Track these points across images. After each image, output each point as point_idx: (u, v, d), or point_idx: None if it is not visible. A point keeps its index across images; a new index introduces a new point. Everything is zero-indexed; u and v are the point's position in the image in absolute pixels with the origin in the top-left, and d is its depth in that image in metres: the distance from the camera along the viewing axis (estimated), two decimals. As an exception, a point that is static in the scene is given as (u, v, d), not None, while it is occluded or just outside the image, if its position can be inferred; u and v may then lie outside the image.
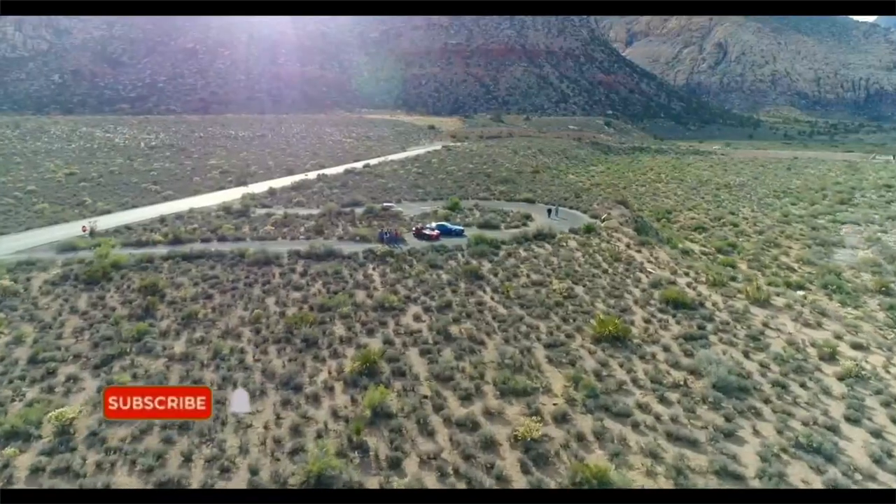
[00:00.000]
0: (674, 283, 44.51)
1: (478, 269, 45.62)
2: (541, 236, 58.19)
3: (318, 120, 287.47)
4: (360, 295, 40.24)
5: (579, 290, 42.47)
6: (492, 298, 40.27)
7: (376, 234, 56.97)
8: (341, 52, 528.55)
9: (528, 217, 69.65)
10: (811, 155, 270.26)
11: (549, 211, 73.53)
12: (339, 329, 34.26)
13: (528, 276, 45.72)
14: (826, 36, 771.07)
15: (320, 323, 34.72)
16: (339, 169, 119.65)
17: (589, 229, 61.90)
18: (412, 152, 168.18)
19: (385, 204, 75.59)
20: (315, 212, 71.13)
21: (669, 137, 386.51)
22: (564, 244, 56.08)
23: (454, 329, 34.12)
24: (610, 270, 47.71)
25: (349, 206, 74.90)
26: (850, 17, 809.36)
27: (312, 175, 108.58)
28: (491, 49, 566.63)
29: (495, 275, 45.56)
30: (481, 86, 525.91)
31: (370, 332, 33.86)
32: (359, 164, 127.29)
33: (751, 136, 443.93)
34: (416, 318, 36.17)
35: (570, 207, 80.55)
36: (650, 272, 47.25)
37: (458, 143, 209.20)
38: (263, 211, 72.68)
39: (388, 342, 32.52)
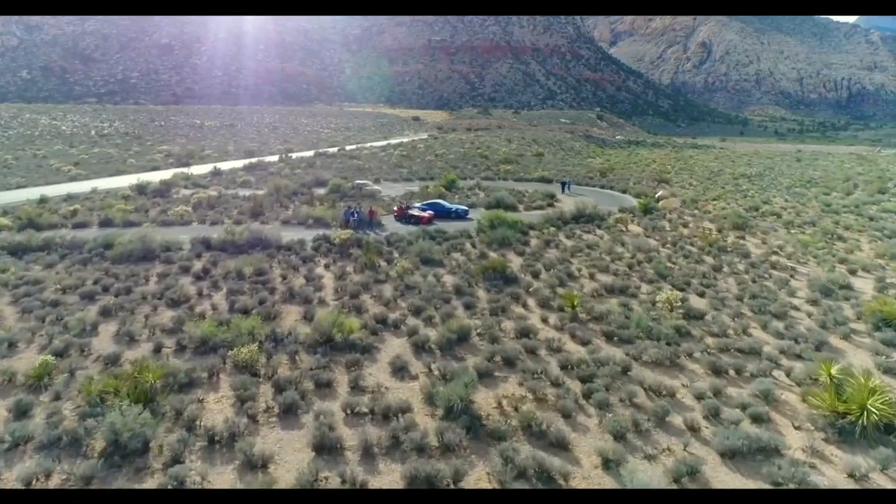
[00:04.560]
0: (847, 286, 25.67)
1: (503, 265, 26.24)
2: (584, 218, 39.15)
3: (293, 111, 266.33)
4: (291, 315, 20.77)
5: (698, 301, 23.35)
6: (544, 321, 20.93)
7: (340, 216, 37.58)
8: (323, 49, 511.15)
9: (552, 196, 50.68)
10: (814, 148, 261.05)
11: (563, 185, 58.18)
12: (220, 404, 14.75)
13: (590, 276, 26.55)
14: (808, 36, 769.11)
15: (179, 389, 15.19)
16: (309, 153, 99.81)
17: (647, 209, 43.11)
18: (395, 141, 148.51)
19: (358, 182, 56.06)
20: (262, 192, 51.39)
21: (661, 133, 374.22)
22: (623, 228, 37.06)
23: (486, 401, 14.86)
24: (725, 268, 28.69)
25: (310, 186, 55.47)
26: (831, 17, 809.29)
27: (275, 158, 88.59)
28: (476, 46, 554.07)
29: (535, 275, 26.31)
30: (466, 82, 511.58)
31: (289, 413, 14.27)
32: (332, 149, 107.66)
33: (741, 133, 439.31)
34: (397, 371, 16.66)
35: (601, 187, 62.06)
36: (793, 268, 28.34)
37: (446, 134, 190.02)
38: (191, 191, 52.78)
39: (324, 447, 12.89)
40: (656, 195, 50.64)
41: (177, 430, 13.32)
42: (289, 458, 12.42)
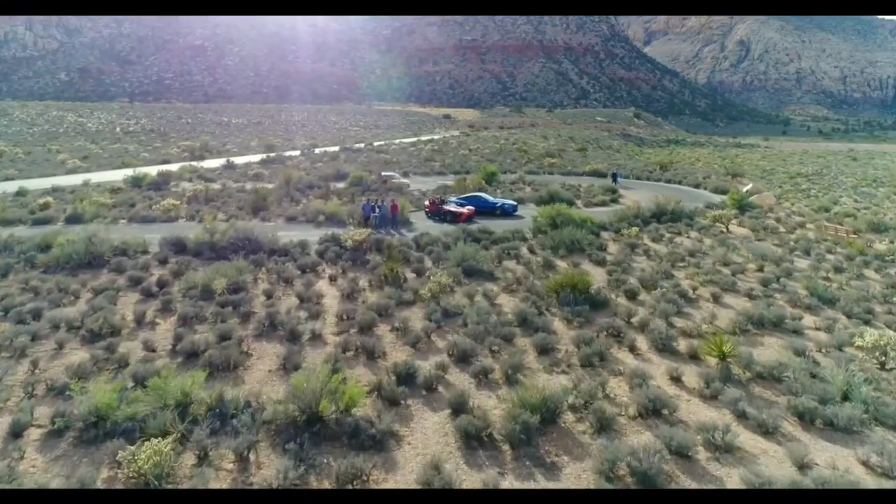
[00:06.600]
0: None
1: (585, 280, 17.96)
2: (667, 216, 30.58)
3: (322, 109, 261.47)
4: (263, 362, 12.98)
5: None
6: (675, 380, 12.66)
7: (358, 211, 29.76)
8: (353, 49, 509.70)
9: (613, 191, 42.08)
10: (867, 147, 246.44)
11: (614, 177, 52.26)
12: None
13: (713, 297, 18.14)
14: (851, 34, 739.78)
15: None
16: (335, 148, 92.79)
17: (743, 205, 34.37)
18: (426, 137, 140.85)
19: (384, 174, 48.22)
20: (270, 185, 44.04)
21: (699, 133, 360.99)
22: (724, 228, 28.42)
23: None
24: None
25: (329, 179, 47.96)
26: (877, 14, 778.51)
27: (296, 152, 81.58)
28: (507, 45, 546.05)
29: (631, 296, 18.00)
30: (497, 82, 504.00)
31: None
32: (359, 145, 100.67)
33: (784, 133, 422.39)
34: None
35: (666, 181, 53.25)
36: None
37: (479, 132, 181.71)
38: (192, 185, 45.77)
39: None
40: (745, 189, 41.74)
41: None
42: None
